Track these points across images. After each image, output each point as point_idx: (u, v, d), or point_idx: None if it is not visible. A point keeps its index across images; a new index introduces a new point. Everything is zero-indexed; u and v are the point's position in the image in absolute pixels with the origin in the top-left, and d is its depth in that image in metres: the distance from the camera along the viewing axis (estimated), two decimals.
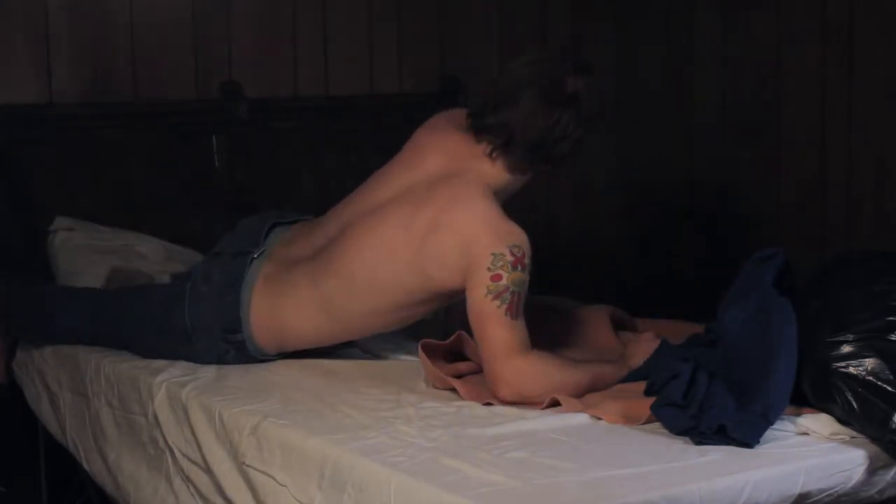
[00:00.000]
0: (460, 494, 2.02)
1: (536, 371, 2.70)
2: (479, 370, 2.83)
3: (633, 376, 2.71)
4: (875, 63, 3.79)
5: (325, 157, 4.11)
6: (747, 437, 2.26)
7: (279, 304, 2.99)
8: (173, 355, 3.07)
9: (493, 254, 2.81)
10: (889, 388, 2.27)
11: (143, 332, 3.12)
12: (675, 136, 4.47)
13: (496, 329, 2.76)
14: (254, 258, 3.07)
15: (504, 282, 2.79)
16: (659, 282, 4.54)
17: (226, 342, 3.02)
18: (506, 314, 2.77)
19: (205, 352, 3.04)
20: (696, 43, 4.35)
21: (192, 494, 2.72)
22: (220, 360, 3.04)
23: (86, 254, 3.59)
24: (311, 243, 3.05)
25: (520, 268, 2.82)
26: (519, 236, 2.87)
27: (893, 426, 2.24)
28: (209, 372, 2.94)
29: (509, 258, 2.81)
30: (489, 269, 2.79)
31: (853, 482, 2.25)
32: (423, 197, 2.91)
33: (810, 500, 2.21)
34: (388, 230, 2.92)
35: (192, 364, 3.01)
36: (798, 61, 4.01)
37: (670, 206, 4.51)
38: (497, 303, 2.77)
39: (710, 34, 4.30)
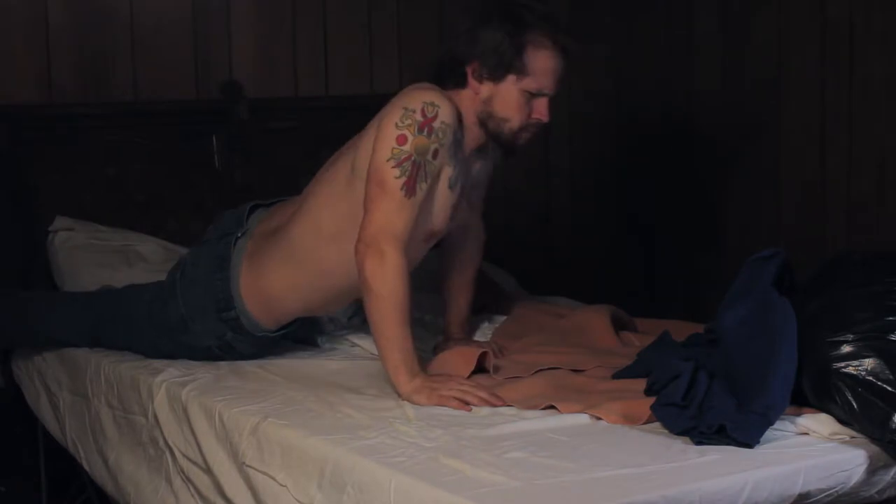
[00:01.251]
0: (460, 495, 2.02)
1: (388, 279, 2.67)
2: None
3: (633, 373, 2.71)
4: (875, 63, 3.79)
5: (325, 157, 4.10)
6: (747, 437, 2.26)
7: (262, 274, 3.00)
8: (174, 348, 3.08)
9: (404, 108, 2.75)
10: (889, 388, 2.26)
11: (142, 330, 3.13)
12: (675, 136, 4.47)
13: (386, 202, 2.72)
14: (238, 238, 3.08)
15: (407, 147, 2.72)
16: (658, 281, 4.54)
17: (221, 321, 3.02)
18: (402, 189, 2.72)
19: (204, 336, 3.04)
20: (696, 43, 4.35)
21: (192, 495, 2.72)
22: (221, 341, 3.04)
23: (86, 254, 3.60)
24: (287, 213, 3.06)
25: (426, 131, 2.73)
26: (439, 99, 2.78)
27: (893, 426, 2.23)
28: (209, 372, 2.95)
29: (419, 117, 2.73)
30: (397, 125, 2.74)
31: (853, 482, 2.24)
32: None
33: (810, 500, 2.21)
34: (339, 163, 2.94)
35: (192, 364, 3.02)
36: (798, 61, 4.01)
37: (670, 206, 4.51)
38: (397, 172, 2.72)
39: (710, 34, 4.30)
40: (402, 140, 2.73)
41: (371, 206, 2.73)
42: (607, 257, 4.66)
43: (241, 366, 3.01)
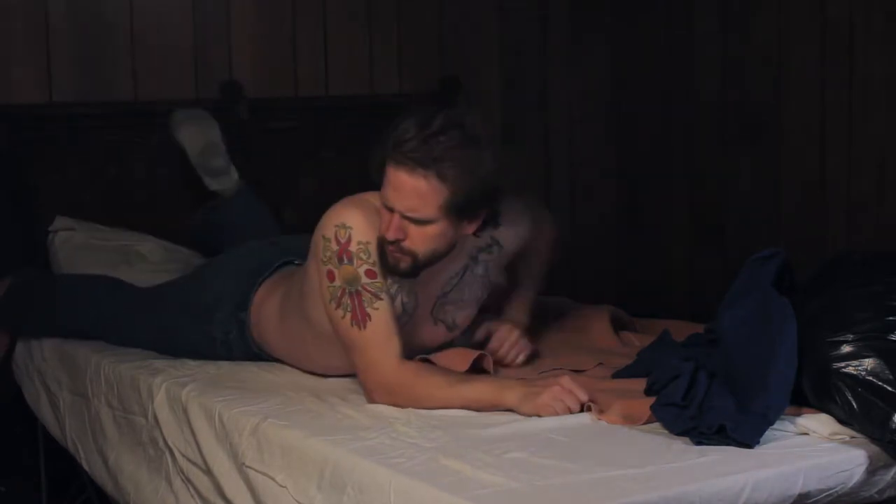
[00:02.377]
0: (460, 496, 2.02)
1: (406, 388, 2.56)
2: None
3: (633, 373, 2.71)
4: (875, 63, 3.79)
5: (325, 157, 4.11)
6: (747, 437, 2.25)
7: (265, 305, 2.98)
8: (188, 335, 3.06)
9: (323, 237, 2.63)
10: (889, 388, 2.26)
11: (172, 306, 3.14)
12: (675, 136, 4.46)
13: (352, 347, 2.63)
14: (295, 262, 3.03)
15: (337, 282, 2.61)
16: (658, 282, 4.54)
17: (234, 319, 3.00)
18: (352, 325, 2.60)
19: (218, 326, 3.02)
20: (696, 43, 4.35)
21: (192, 495, 2.71)
22: (226, 337, 3.02)
23: (86, 254, 3.60)
24: None
25: (346, 258, 2.60)
26: (352, 217, 2.63)
27: (893, 426, 2.23)
28: (209, 372, 2.95)
29: (334, 246, 2.61)
30: (322, 261, 2.63)
31: (853, 482, 2.24)
32: None
33: (810, 501, 2.20)
34: None
35: (192, 364, 3.02)
36: (798, 61, 4.01)
37: (670, 206, 4.50)
38: (340, 312, 2.61)
39: (710, 34, 4.30)
40: (331, 276, 2.62)
41: (348, 354, 2.65)
42: (607, 258, 4.66)
43: (241, 366, 3.00)
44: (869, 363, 2.29)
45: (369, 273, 2.62)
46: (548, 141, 4.58)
